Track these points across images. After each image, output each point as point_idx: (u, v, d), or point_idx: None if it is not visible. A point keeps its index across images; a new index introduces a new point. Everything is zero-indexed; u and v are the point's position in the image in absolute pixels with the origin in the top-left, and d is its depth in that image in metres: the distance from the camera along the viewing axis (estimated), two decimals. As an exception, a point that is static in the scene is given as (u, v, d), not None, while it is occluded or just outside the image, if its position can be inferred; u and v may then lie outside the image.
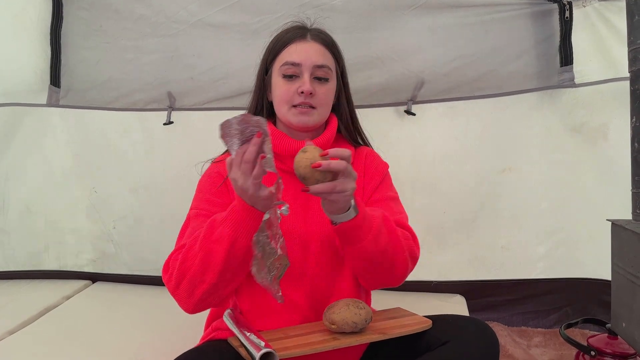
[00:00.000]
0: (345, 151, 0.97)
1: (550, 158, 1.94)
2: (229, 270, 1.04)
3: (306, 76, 1.18)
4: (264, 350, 0.94)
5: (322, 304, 1.15)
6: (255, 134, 0.94)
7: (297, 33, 1.22)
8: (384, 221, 1.09)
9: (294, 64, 1.19)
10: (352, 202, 1.03)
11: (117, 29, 2.00)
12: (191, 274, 1.04)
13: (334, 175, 0.96)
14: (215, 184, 1.20)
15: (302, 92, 1.17)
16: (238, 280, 1.10)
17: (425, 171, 2.00)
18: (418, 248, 1.20)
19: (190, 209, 1.20)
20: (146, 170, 2.10)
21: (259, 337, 1.01)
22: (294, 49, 1.20)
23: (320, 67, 1.20)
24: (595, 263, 1.91)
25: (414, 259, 1.18)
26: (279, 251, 1.01)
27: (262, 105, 1.27)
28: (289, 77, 1.19)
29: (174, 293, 1.09)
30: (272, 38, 1.27)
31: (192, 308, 1.09)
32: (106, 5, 1.99)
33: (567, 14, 1.84)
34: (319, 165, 0.94)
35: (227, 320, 1.13)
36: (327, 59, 1.22)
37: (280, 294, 1.03)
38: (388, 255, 1.10)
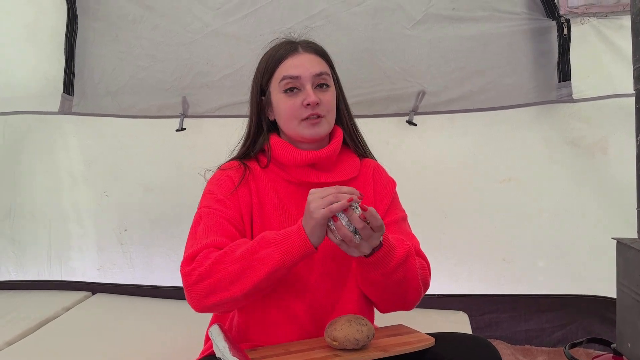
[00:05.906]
0: (379, 221, 0.95)
1: (549, 170, 1.88)
2: (258, 291, 0.98)
3: (308, 87, 1.12)
4: None
5: (323, 317, 1.10)
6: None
7: (288, 48, 1.16)
8: (407, 258, 1.04)
9: (292, 77, 1.12)
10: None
11: (132, 38, 1.97)
12: (218, 278, 0.96)
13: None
14: (228, 187, 1.13)
15: (308, 104, 1.11)
16: (258, 297, 1.04)
17: (426, 181, 1.94)
18: (430, 275, 1.15)
19: (200, 207, 1.12)
20: (159, 176, 2.06)
21: (238, 355, 0.92)
22: (289, 64, 1.13)
23: (319, 75, 1.13)
24: (597, 279, 1.83)
25: (426, 286, 1.13)
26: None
27: (261, 127, 1.20)
28: (291, 91, 1.13)
29: (189, 288, 0.99)
30: (261, 59, 1.20)
31: (202, 309, 1.01)
32: (122, 16, 1.95)
33: (565, 30, 1.78)
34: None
35: (211, 336, 1.03)
36: (323, 66, 1.16)
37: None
38: (402, 287, 1.06)
